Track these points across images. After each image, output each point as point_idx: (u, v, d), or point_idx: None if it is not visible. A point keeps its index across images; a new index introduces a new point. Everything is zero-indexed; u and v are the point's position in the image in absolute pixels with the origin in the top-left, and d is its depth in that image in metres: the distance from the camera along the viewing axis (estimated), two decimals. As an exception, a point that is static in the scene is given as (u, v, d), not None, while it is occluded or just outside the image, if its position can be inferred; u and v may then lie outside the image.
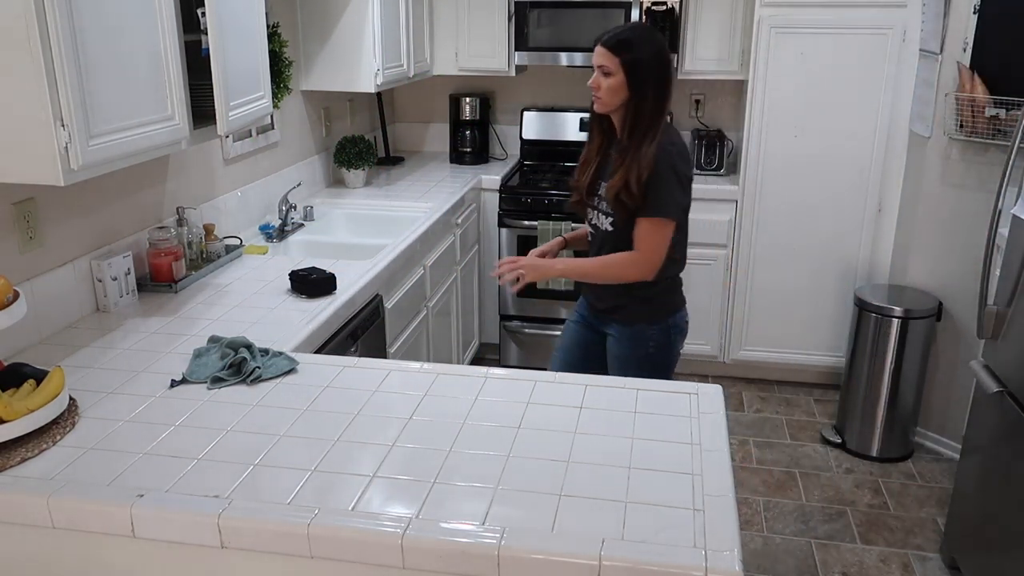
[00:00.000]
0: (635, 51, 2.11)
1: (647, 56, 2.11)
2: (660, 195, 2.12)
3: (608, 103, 2.16)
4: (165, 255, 2.36)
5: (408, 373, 1.84)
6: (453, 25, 3.98)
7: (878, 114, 3.52)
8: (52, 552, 1.42)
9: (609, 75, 2.12)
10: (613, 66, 2.11)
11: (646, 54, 2.11)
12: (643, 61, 2.11)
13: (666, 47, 2.19)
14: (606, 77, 2.13)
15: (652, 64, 2.12)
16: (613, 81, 2.12)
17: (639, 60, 2.11)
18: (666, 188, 2.12)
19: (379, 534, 1.28)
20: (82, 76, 1.64)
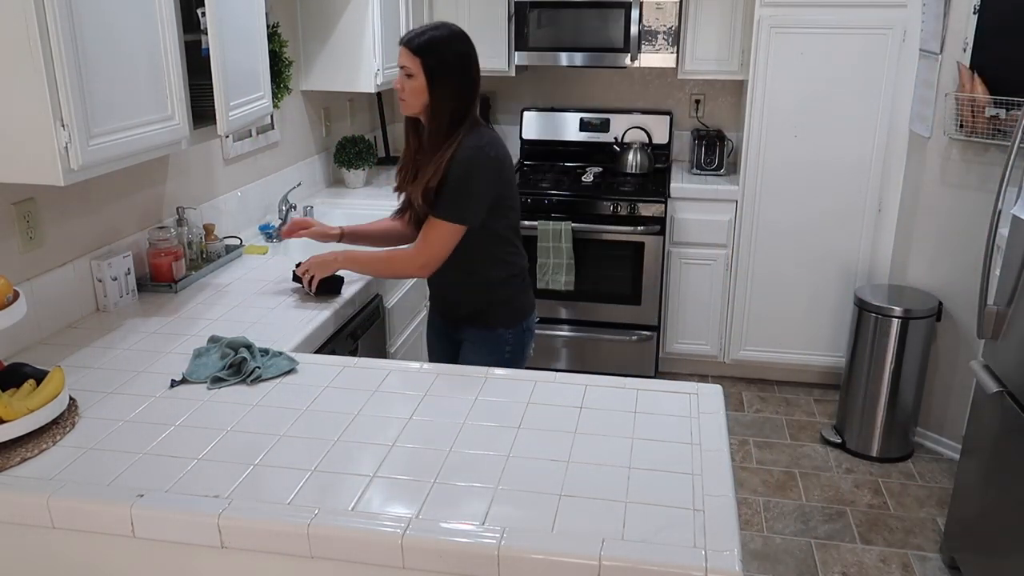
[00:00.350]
0: (436, 53, 2.04)
1: (448, 58, 2.05)
2: (450, 198, 2.07)
3: (411, 105, 2.09)
4: (165, 255, 2.36)
5: (408, 373, 1.84)
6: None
7: (878, 114, 3.52)
8: (52, 552, 1.42)
9: (411, 76, 2.05)
10: (415, 67, 2.04)
11: (448, 56, 2.05)
12: (444, 63, 2.05)
13: (470, 49, 2.11)
14: (408, 79, 2.06)
15: (454, 66, 2.06)
16: (415, 83, 2.05)
17: (440, 62, 2.04)
18: (458, 193, 2.07)
19: (379, 534, 1.28)
20: (82, 76, 1.64)
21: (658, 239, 3.78)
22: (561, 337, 4.01)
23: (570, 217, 3.77)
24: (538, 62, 3.97)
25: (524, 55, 3.94)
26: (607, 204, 3.79)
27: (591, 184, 3.95)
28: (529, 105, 4.38)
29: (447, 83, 2.05)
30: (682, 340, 4.01)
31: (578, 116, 4.28)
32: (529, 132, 4.34)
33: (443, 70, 2.05)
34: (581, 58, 3.90)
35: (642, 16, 3.77)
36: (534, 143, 4.35)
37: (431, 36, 2.05)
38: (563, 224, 3.74)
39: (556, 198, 3.82)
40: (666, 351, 4.03)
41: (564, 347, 4.03)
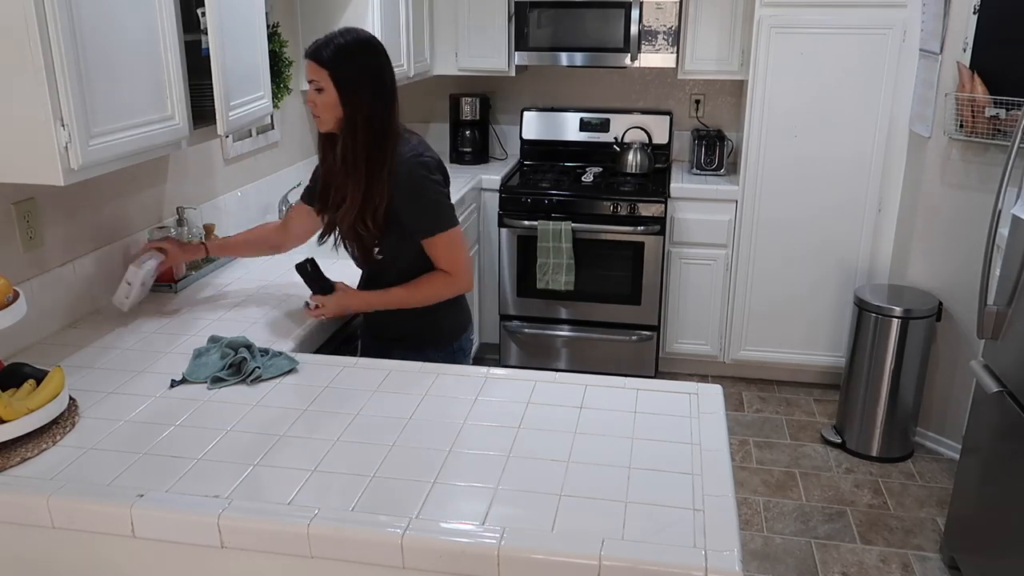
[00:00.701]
0: (344, 62, 1.90)
1: (360, 67, 1.91)
2: (432, 209, 1.98)
3: (325, 121, 1.95)
4: (165, 255, 2.35)
5: (408, 373, 1.84)
6: (453, 25, 3.98)
7: (878, 114, 3.52)
8: (52, 552, 1.42)
9: (321, 91, 1.91)
10: (323, 80, 1.90)
11: (358, 66, 1.91)
12: (354, 73, 1.90)
13: (380, 55, 1.96)
14: (319, 93, 1.92)
15: (367, 76, 1.92)
16: (326, 97, 1.91)
17: (350, 73, 1.90)
18: (433, 200, 1.99)
19: (379, 534, 1.28)
20: (82, 76, 1.64)
21: (658, 239, 3.78)
22: (561, 337, 4.01)
23: (570, 217, 3.77)
24: (538, 62, 3.97)
25: (524, 55, 3.94)
26: (607, 204, 3.79)
27: (591, 184, 3.95)
28: (529, 105, 4.38)
29: (360, 93, 1.91)
30: (682, 340, 4.01)
31: (578, 116, 4.28)
32: (529, 132, 4.34)
33: (353, 81, 1.91)
34: (581, 58, 3.90)
35: (642, 16, 3.77)
36: (534, 143, 4.35)
37: (337, 45, 1.91)
38: (563, 224, 3.74)
39: (556, 198, 3.82)
40: (666, 351, 4.03)
41: (564, 347, 4.03)
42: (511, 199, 3.88)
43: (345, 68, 1.91)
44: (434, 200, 1.99)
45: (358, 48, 1.93)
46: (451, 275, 2.04)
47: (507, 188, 3.90)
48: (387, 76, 1.97)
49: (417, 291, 2.05)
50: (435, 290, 2.06)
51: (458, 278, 2.05)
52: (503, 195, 3.89)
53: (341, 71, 1.90)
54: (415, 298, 2.05)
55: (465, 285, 2.07)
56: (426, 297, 2.06)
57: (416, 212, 1.98)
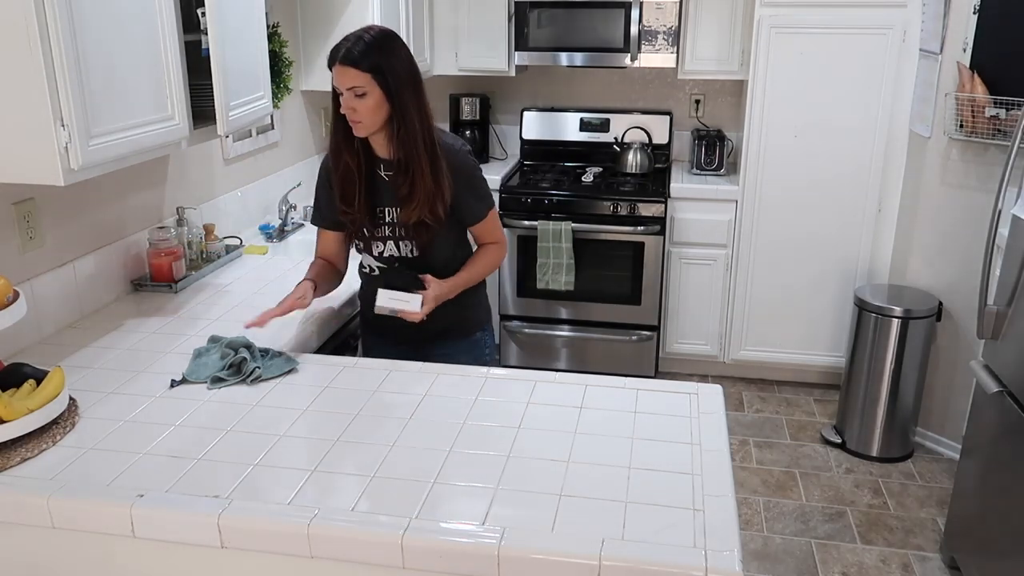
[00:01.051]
0: (384, 60, 1.87)
1: (398, 62, 1.89)
2: (482, 191, 2.11)
3: (371, 125, 1.91)
4: (165, 255, 2.36)
5: (408, 373, 1.84)
6: (453, 25, 3.98)
7: (878, 114, 3.52)
8: (52, 552, 1.42)
9: (364, 95, 1.87)
10: (365, 83, 1.86)
11: (396, 60, 1.89)
12: (395, 69, 1.88)
13: (403, 41, 1.96)
14: (361, 99, 1.87)
15: (405, 69, 1.91)
16: (370, 101, 1.87)
17: (391, 69, 1.87)
18: (481, 183, 2.11)
19: (379, 534, 1.28)
20: (82, 76, 1.64)
21: (658, 239, 3.78)
22: (561, 337, 4.01)
23: (570, 217, 3.77)
24: (538, 62, 3.97)
25: (524, 55, 3.94)
26: (607, 204, 3.78)
27: (591, 184, 3.95)
28: (529, 105, 4.38)
29: (404, 88, 1.90)
30: (682, 340, 4.01)
31: (578, 116, 4.28)
32: (529, 132, 4.34)
33: (396, 76, 1.88)
34: (581, 58, 3.90)
35: (642, 16, 3.77)
36: (534, 143, 4.35)
37: (367, 44, 1.87)
38: (563, 224, 3.74)
39: (556, 198, 3.82)
40: (666, 351, 4.03)
41: (564, 347, 4.03)
42: (511, 199, 3.88)
43: (385, 65, 1.87)
44: (485, 184, 2.12)
45: (387, 41, 1.91)
46: (500, 246, 2.18)
47: (507, 188, 3.90)
48: (417, 69, 1.98)
49: (484, 265, 2.17)
50: (494, 260, 2.19)
51: (503, 247, 2.20)
52: (503, 195, 3.88)
53: (382, 69, 1.87)
54: (485, 271, 2.19)
55: (506, 252, 2.25)
56: (490, 269, 2.20)
57: (473, 198, 2.07)
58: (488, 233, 2.15)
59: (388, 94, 1.89)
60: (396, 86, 1.89)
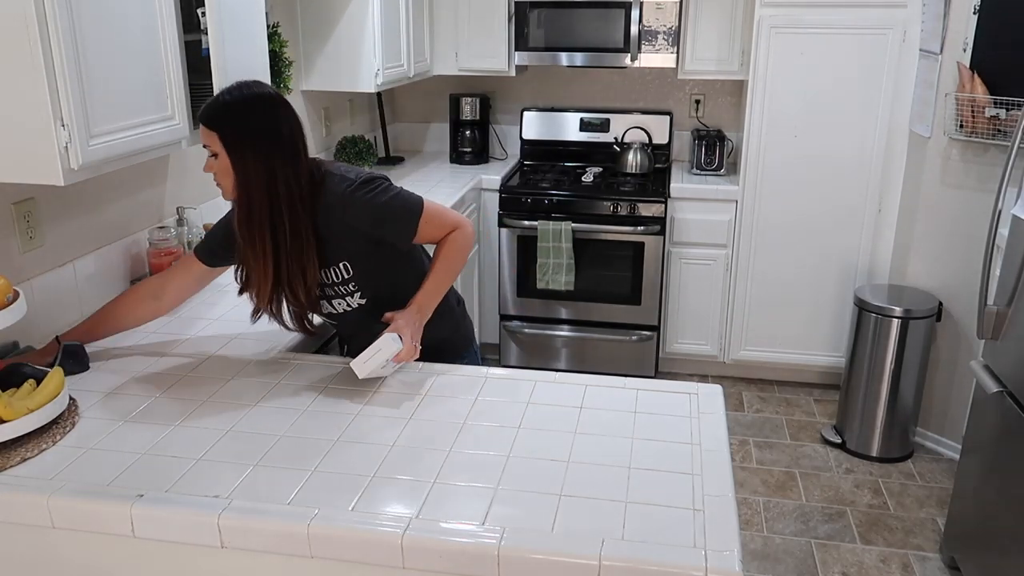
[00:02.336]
0: (230, 121, 1.69)
1: (247, 124, 1.69)
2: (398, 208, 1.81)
3: (227, 188, 1.73)
4: (165, 255, 2.36)
5: (408, 373, 1.84)
6: (453, 25, 3.98)
7: (878, 114, 3.52)
8: (52, 552, 1.42)
9: (216, 155, 1.71)
10: (213, 143, 1.69)
11: (245, 121, 1.69)
12: (243, 131, 1.69)
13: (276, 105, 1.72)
14: (214, 159, 1.71)
15: (255, 133, 1.69)
16: (222, 161, 1.70)
17: (237, 131, 1.68)
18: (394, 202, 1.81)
19: (379, 534, 1.28)
20: (82, 76, 1.64)
21: (658, 239, 3.78)
22: (561, 337, 4.01)
23: (570, 217, 3.77)
24: (538, 62, 3.97)
25: (524, 55, 3.94)
26: (607, 204, 3.79)
27: (591, 184, 3.95)
28: (529, 105, 4.38)
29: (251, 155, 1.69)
30: (682, 340, 4.01)
31: (578, 116, 4.28)
32: (529, 132, 4.34)
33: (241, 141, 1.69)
34: (581, 58, 3.90)
35: (642, 16, 3.77)
36: (534, 143, 4.35)
37: (222, 103, 1.71)
38: (563, 224, 3.74)
39: (556, 198, 3.82)
40: (666, 351, 4.03)
41: (564, 347, 4.03)
42: (511, 199, 3.88)
43: (234, 127, 1.69)
44: (390, 203, 1.81)
45: (247, 104, 1.71)
46: (463, 229, 1.90)
47: (507, 188, 3.90)
48: (286, 132, 1.72)
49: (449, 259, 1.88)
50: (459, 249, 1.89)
51: (462, 229, 1.89)
52: (503, 195, 3.89)
53: (229, 130, 1.69)
54: (453, 269, 1.90)
55: (472, 231, 1.92)
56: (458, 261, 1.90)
57: (388, 225, 1.82)
58: (433, 235, 1.88)
59: (231, 158, 1.70)
60: (240, 151, 1.69)
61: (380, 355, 1.70)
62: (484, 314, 4.08)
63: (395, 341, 1.71)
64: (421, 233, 1.84)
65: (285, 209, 1.71)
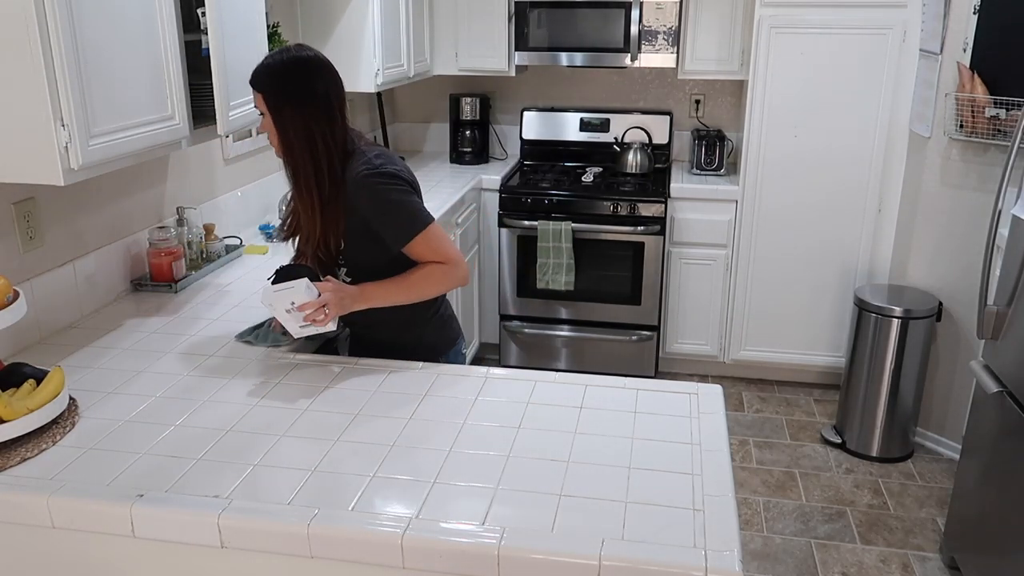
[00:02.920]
0: (272, 82, 1.81)
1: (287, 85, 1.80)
2: (400, 214, 1.85)
3: (276, 146, 1.86)
4: (165, 255, 2.36)
5: (408, 373, 1.84)
6: (453, 25, 3.98)
7: (878, 114, 3.52)
8: (52, 552, 1.42)
9: (263, 115, 1.85)
10: (259, 103, 1.83)
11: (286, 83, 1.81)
12: (282, 91, 1.80)
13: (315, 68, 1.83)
14: (263, 117, 1.86)
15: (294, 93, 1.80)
16: (267, 120, 1.84)
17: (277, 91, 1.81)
18: (398, 206, 1.85)
19: (379, 534, 1.28)
20: (82, 76, 1.64)
21: (658, 239, 3.78)
22: (561, 337, 4.01)
23: (570, 217, 3.77)
24: (538, 62, 3.97)
25: (524, 55, 3.94)
26: (607, 204, 3.78)
27: (591, 184, 3.95)
28: (529, 105, 4.38)
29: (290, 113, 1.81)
30: (682, 340, 4.01)
31: (578, 116, 4.28)
32: (529, 132, 4.34)
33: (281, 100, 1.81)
34: (581, 58, 3.90)
35: (642, 16, 3.77)
36: (534, 143, 4.35)
37: (265, 65, 1.83)
38: (563, 224, 3.74)
39: (556, 198, 3.82)
40: (666, 351, 4.03)
41: (564, 347, 4.03)
42: (511, 199, 3.88)
43: (273, 88, 1.81)
44: (399, 205, 1.84)
45: (285, 67, 1.82)
46: (452, 267, 1.89)
47: (507, 188, 3.90)
48: (324, 93, 1.82)
49: (415, 282, 1.88)
50: (434, 280, 1.89)
51: (453, 267, 1.89)
52: (503, 195, 3.88)
53: (269, 91, 1.81)
54: (415, 290, 1.89)
55: (463, 274, 1.91)
56: (425, 288, 1.90)
57: (387, 223, 1.85)
58: (424, 255, 1.88)
59: (272, 116, 1.83)
60: (279, 109, 1.81)
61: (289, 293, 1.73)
62: (484, 314, 4.08)
63: (310, 289, 1.74)
64: (415, 247, 1.87)
65: (325, 164, 1.83)
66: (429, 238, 1.87)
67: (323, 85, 1.83)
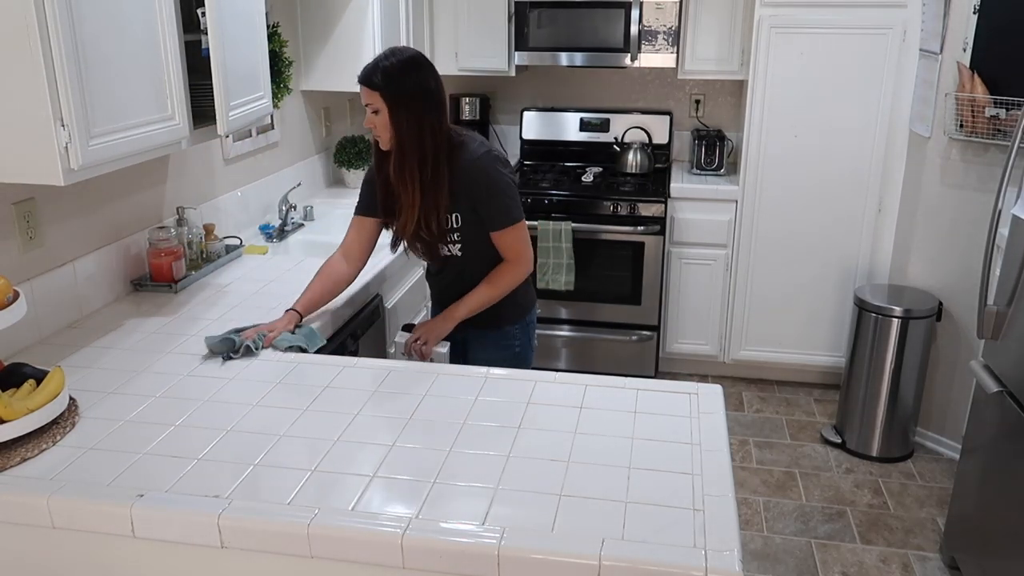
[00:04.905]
0: (392, 83, 1.99)
1: (406, 85, 2.00)
2: (506, 202, 2.11)
3: (386, 140, 2.06)
4: (165, 255, 2.36)
5: (408, 373, 1.84)
6: (453, 25, 3.98)
7: (878, 114, 3.52)
8: (52, 552, 1.42)
9: (377, 112, 2.02)
10: (376, 102, 2.01)
11: (404, 84, 2.00)
12: (403, 92, 2.00)
13: (425, 66, 2.05)
14: (376, 115, 2.03)
15: (413, 93, 2.00)
16: (382, 118, 2.02)
17: (398, 92, 1.99)
18: (508, 194, 2.11)
19: (379, 534, 1.28)
20: (82, 76, 1.64)
21: (658, 239, 3.78)
22: (561, 337, 4.01)
23: (570, 217, 3.77)
24: (538, 62, 3.97)
25: (524, 55, 3.94)
26: (607, 204, 3.79)
27: (591, 184, 3.95)
28: (529, 105, 4.38)
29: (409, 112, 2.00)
30: (682, 340, 4.01)
31: (578, 116, 4.28)
32: (529, 132, 4.34)
33: (401, 101, 2.00)
34: (581, 58, 3.90)
35: (642, 16, 3.77)
36: (534, 143, 4.35)
37: (383, 68, 2.01)
38: (563, 224, 3.74)
39: (556, 198, 3.82)
40: (666, 351, 4.03)
41: (564, 347, 4.03)
42: (511, 199, 3.87)
43: (393, 88, 1.99)
44: (508, 194, 2.11)
45: (402, 68, 2.01)
46: (517, 264, 2.17)
47: (507, 188, 3.89)
48: (434, 90, 2.05)
49: (495, 288, 2.18)
50: (509, 282, 2.19)
51: (523, 266, 2.19)
52: (503, 195, 3.88)
53: (390, 91, 1.99)
54: (495, 295, 2.19)
55: (527, 271, 2.22)
56: (503, 291, 2.19)
57: (492, 206, 2.10)
58: (504, 247, 2.16)
59: (391, 115, 2.01)
60: (400, 108, 2.00)
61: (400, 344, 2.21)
62: (484, 314, 4.07)
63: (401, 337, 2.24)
64: (504, 235, 2.13)
65: (430, 156, 2.04)
66: (518, 232, 2.15)
67: (434, 82, 2.05)
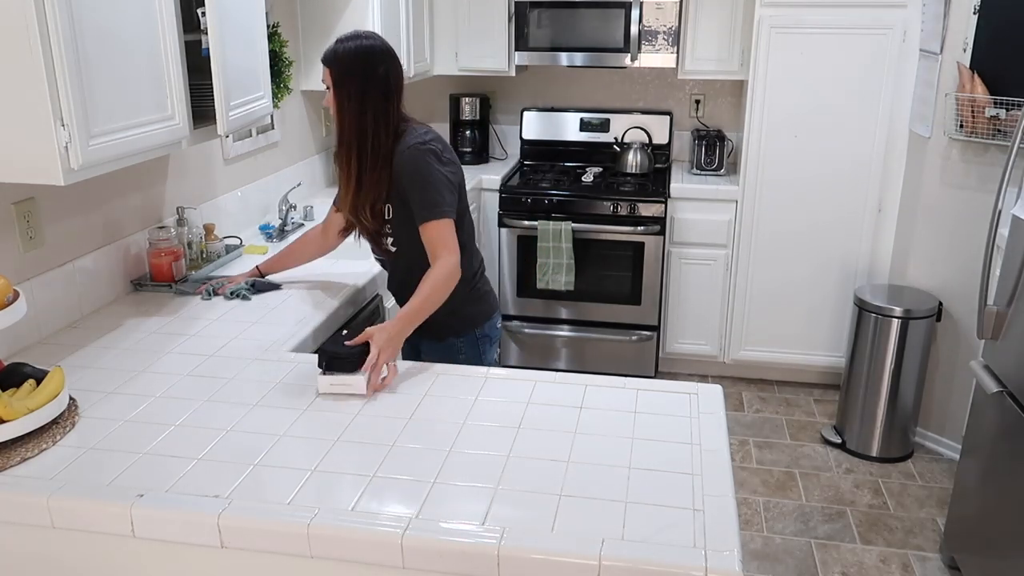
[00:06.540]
0: (337, 62, 2.01)
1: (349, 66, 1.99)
2: (428, 196, 2.00)
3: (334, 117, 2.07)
4: (165, 255, 2.36)
5: (408, 373, 1.84)
6: (453, 25, 3.98)
7: (878, 114, 3.52)
8: (52, 552, 1.42)
9: (329, 89, 2.04)
10: (327, 78, 2.03)
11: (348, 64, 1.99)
12: (345, 72, 2.00)
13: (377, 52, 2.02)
14: (328, 91, 2.05)
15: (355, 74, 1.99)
16: (330, 94, 2.04)
17: (341, 71, 2.00)
18: (434, 187, 2.01)
19: (379, 534, 1.28)
20: (82, 76, 1.64)
21: (658, 239, 3.78)
22: (561, 337, 4.01)
23: (570, 217, 3.77)
24: (538, 62, 3.97)
25: (524, 55, 3.94)
26: (607, 204, 3.79)
27: (591, 184, 3.95)
28: (529, 105, 4.38)
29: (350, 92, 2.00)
30: (682, 340, 4.01)
31: (578, 116, 4.28)
32: (529, 132, 4.34)
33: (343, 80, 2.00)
34: (581, 58, 3.90)
35: (642, 16, 3.77)
36: (534, 143, 4.35)
37: (335, 46, 2.02)
38: (563, 224, 3.74)
39: (556, 198, 3.82)
40: (666, 351, 4.03)
41: (564, 347, 4.03)
42: (511, 199, 3.88)
43: (339, 67, 2.01)
44: (435, 188, 2.02)
45: (355, 49, 2.01)
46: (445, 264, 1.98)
47: (507, 188, 3.90)
48: (383, 75, 2.02)
49: (418, 296, 1.95)
50: (432, 287, 1.96)
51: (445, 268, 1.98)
52: (503, 195, 3.88)
53: (336, 69, 2.01)
54: (422, 305, 1.95)
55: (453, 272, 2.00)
56: (431, 297, 1.97)
57: (414, 198, 2.03)
58: (426, 243, 2.02)
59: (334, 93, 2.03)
60: (341, 88, 2.01)
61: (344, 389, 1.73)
62: (484, 314, 4.08)
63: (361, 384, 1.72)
64: (425, 230, 2.02)
65: (370, 137, 2.01)
66: (442, 228, 2.03)
67: (383, 68, 2.02)
